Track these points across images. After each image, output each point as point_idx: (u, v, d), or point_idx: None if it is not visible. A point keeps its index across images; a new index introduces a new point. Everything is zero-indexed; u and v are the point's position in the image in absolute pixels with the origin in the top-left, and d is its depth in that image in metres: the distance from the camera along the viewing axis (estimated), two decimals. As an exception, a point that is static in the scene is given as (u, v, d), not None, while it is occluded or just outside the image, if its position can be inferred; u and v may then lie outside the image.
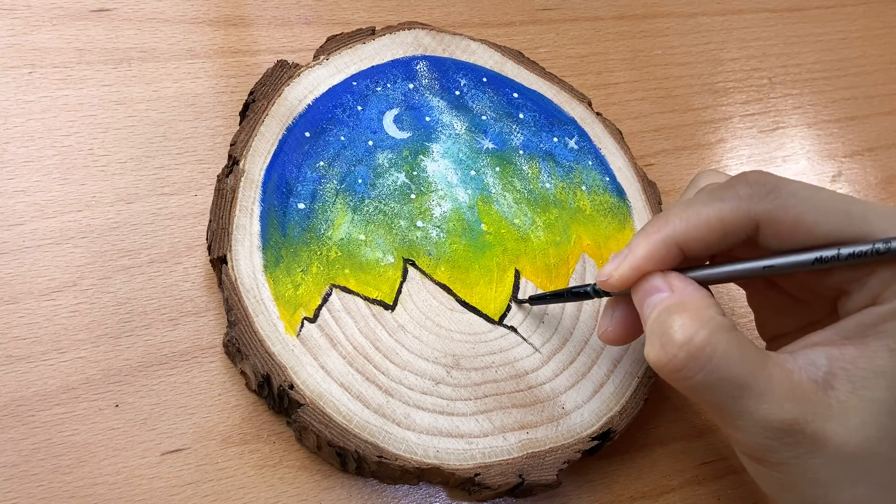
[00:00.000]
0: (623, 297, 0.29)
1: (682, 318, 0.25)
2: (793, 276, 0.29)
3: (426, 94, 0.38)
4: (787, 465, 0.25)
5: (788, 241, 0.26)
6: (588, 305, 0.35)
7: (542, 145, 0.39)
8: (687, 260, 0.27)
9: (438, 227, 0.35)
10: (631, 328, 0.29)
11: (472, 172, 0.37)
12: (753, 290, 0.32)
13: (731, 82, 0.49)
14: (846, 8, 0.56)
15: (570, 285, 0.35)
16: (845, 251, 0.25)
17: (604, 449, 0.33)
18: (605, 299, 0.33)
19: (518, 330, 0.33)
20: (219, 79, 0.38)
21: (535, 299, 0.34)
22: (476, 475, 0.30)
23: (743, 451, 0.27)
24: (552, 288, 0.35)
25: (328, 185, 0.34)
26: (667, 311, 0.25)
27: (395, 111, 0.37)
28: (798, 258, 0.26)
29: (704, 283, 0.27)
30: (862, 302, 0.26)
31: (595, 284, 0.29)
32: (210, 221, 0.32)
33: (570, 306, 0.35)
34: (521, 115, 0.39)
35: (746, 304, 0.33)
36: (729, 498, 0.35)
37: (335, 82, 0.37)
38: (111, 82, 0.37)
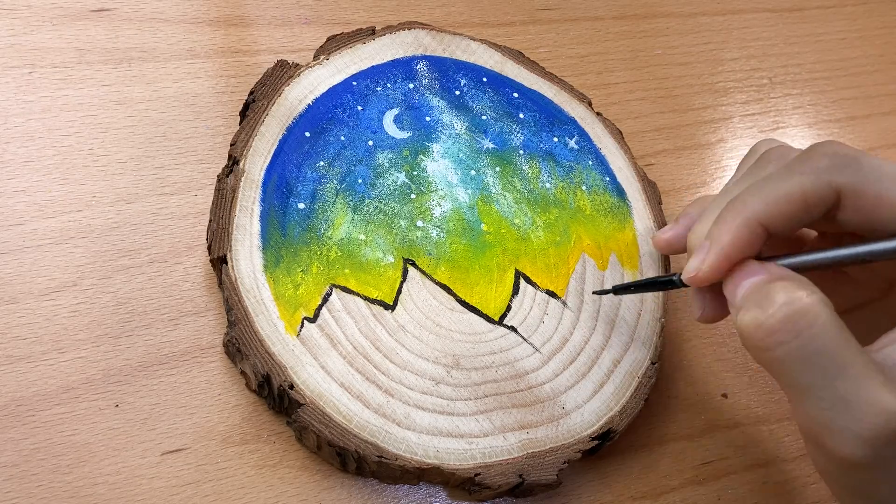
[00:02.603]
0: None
1: (784, 283, 0.23)
2: (882, 272, 0.27)
3: (426, 94, 0.38)
4: (880, 466, 0.22)
5: (869, 217, 0.24)
6: (588, 305, 0.35)
7: (542, 145, 0.39)
8: (771, 239, 0.26)
9: (438, 226, 0.35)
10: (725, 305, 0.28)
11: (473, 172, 0.37)
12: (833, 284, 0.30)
13: (731, 82, 0.49)
14: (846, 8, 0.56)
15: (651, 276, 0.35)
16: None
17: (604, 449, 0.33)
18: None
19: (518, 330, 0.33)
20: (219, 79, 0.38)
21: (618, 289, 0.33)
22: (476, 475, 0.30)
23: (830, 450, 0.23)
24: (552, 287, 0.35)
25: (328, 185, 0.34)
26: (767, 281, 0.24)
27: (395, 111, 0.37)
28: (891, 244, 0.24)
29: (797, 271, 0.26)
30: None
31: (680, 274, 0.29)
32: (210, 221, 0.32)
33: (569, 306, 0.35)
34: (521, 115, 0.39)
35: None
36: (729, 498, 0.35)
37: (335, 82, 0.37)
38: (111, 82, 0.37)
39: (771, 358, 0.23)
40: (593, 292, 0.35)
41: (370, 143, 0.36)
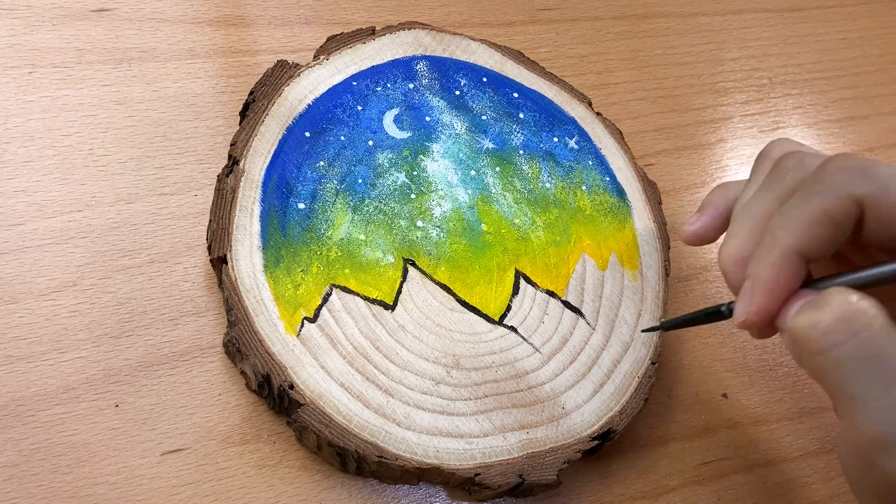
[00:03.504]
0: None
1: (838, 289, 0.23)
2: None
3: (426, 94, 0.38)
4: None
5: (892, 225, 0.24)
6: (588, 305, 0.35)
7: (542, 145, 0.39)
8: (813, 264, 0.26)
9: (438, 226, 0.35)
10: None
11: (473, 172, 0.37)
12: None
13: (731, 82, 0.49)
14: (846, 8, 0.56)
15: (700, 309, 0.33)
16: None
17: (604, 449, 0.33)
18: None
19: (518, 330, 0.33)
20: (219, 79, 0.38)
21: (667, 326, 0.33)
22: (476, 475, 0.30)
23: (876, 464, 0.22)
24: (552, 287, 0.35)
25: (328, 185, 0.34)
26: (820, 294, 0.24)
27: (395, 111, 0.37)
28: None
29: None
30: None
31: (728, 304, 0.28)
32: (210, 221, 0.32)
33: (569, 307, 0.35)
34: (521, 115, 0.39)
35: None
36: (729, 498, 0.35)
37: (335, 82, 0.37)
38: (111, 82, 0.37)
39: (824, 361, 0.22)
40: (642, 330, 0.35)
41: (370, 143, 0.36)
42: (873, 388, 0.21)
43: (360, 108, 0.36)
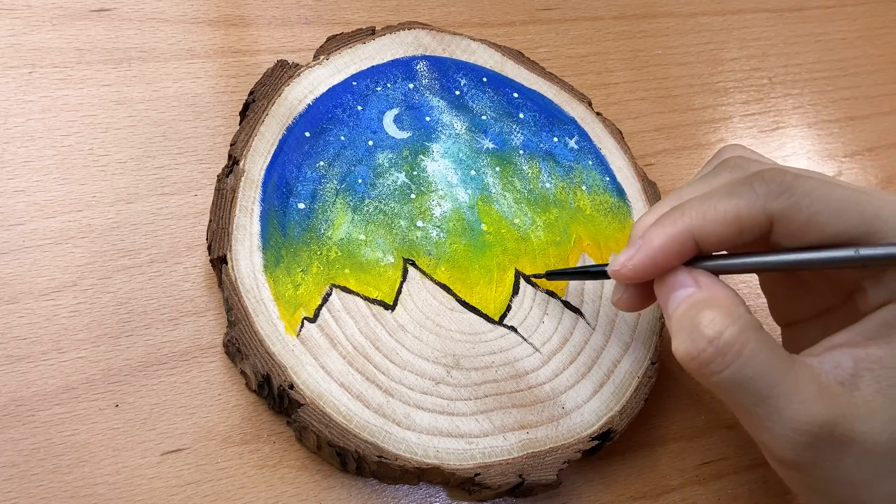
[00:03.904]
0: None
1: (711, 314, 0.25)
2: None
3: (426, 94, 0.38)
4: (817, 466, 0.24)
5: (799, 239, 0.26)
6: (588, 305, 0.35)
7: (542, 145, 0.39)
8: (699, 253, 0.27)
9: (438, 226, 0.35)
10: (643, 297, 0.30)
11: (473, 172, 0.37)
12: (767, 276, 0.32)
13: (731, 82, 0.49)
14: (846, 8, 0.56)
15: (588, 265, 0.36)
16: (864, 252, 0.25)
17: (604, 449, 0.33)
18: None
19: (518, 330, 0.33)
20: (219, 79, 0.38)
21: (552, 274, 0.34)
22: (476, 475, 0.30)
23: (771, 454, 0.26)
24: (552, 287, 0.35)
25: (328, 185, 0.34)
26: (695, 306, 0.25)
27: (395, 111, 0.37)
28: (809, 256, 0.26)
29: (719, 273, 0.27)
30: (880, 298, 0.26)
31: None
32: (210, 221, 0.32)
33: (570, 307, 0.35)
34: (521, 115, 0.39)
35: (759, 290, 0.33)
36: (729, 498, 0.35)
37: (335, 82, 0.37)
38: (111, 82, 0.37)
39: (710, 382, 0.25)
40: (531, 276, 0.35)
41: (370, 143, 0.36)
42: (753, 400, 0.24)
43: (360, 108, 0.36)
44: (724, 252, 0.28)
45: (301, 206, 0.33)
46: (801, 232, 0.25)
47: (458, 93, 0.39)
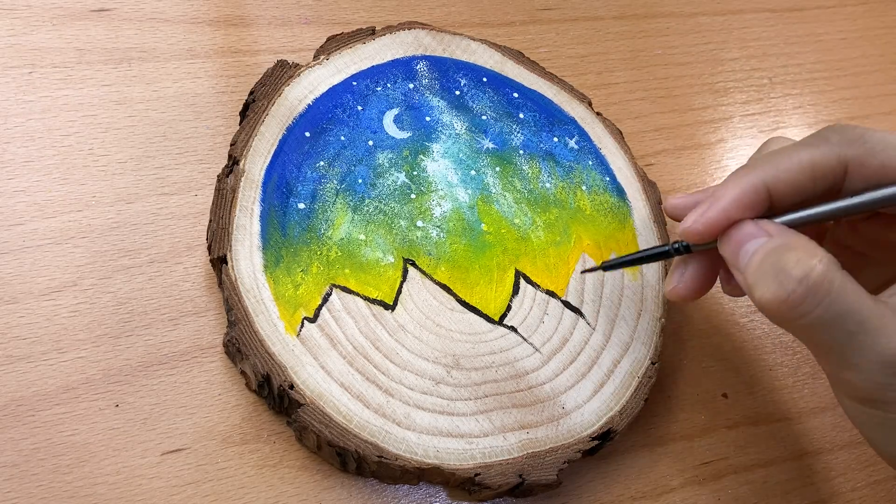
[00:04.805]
0: (695, 253, 0.29)
1: (796, 255, 0.25)
2: (868, 233, 0.29)
3: (426, 94, 0.38)
4: None
5: (874, 185, 0.26)
6: (588, 305, 0.35)
7: (542, 145, 0.39)
8: (772, 208, 0.27)
9: (438, 226, 0.35)
10: (701, 284, 0.30)
11: (473, 172, 0.37)
12: (826, 249, 0.32)
13: (731, 82, 0.49)
14: (846, 8, 0.56)
15: (646, 247, 0.35)
16: None
17: (604, 449, 0.33)
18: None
19: (518, 330, 0.33)
20: (219, 79, 0.38)
21: (608, 266, 0.33)
22: (476, 475, 0.30)
23: (855, 391, 0.26)
24: (552, 287, 0.35)
25: (328, 185, 0.34)
26: (775, 251, 0.25)
27: (395, 111, 0.37)
28: (881, 193, 0.26)
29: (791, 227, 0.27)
30: None
31: (675, 243, 0.29)
32: (210, 221, 0.32)
33: (569, 307, 0.35)
34: (521, 115, 0.39)
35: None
36: (729, 498, 0.35)
37: (335, 82, 0.37)
38: (111, 82, 0.37)
39: (798, 325, 0.25)
40: (582, 272, 0.35)
41: (370, 143, 0.36)
42: (842, 338, 0.24)
43: (360, 108, 0.36)
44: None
45: (301, 206, 0.33)
46: (876, 177, 0.26)
47: (458, 93, 0.39)
